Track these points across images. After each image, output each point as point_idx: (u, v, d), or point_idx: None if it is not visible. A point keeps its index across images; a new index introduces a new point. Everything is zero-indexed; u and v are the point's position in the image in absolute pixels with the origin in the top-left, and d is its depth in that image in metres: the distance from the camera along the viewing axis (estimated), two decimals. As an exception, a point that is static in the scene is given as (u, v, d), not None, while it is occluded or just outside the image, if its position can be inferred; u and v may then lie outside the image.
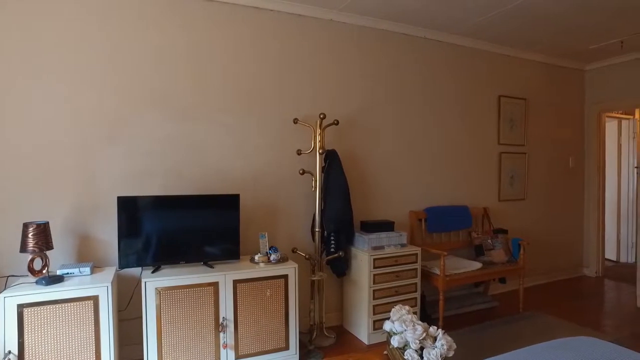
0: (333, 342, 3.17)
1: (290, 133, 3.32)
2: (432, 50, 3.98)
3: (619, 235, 5.91)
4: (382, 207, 3.72)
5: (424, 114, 3.95)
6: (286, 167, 3.31)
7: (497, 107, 4.41)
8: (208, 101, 3.04)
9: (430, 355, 1.73)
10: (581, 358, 1.66)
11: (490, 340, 3.17)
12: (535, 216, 4.76)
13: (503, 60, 4.45)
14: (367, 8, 3.39)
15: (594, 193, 5.14)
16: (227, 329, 2.61)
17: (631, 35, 4.03)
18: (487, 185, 4.38)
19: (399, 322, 1.86)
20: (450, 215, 3.91)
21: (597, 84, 5.08)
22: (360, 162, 3.62)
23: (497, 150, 4.43)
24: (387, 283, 3.16)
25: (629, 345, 3.15)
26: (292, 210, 3.35)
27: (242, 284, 2.66)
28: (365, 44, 3.64)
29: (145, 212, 2.62)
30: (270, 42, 3.24)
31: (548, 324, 3.53)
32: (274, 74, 3.26)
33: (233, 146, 3.13)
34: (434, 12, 3.48)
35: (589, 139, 5.18)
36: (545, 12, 3.49)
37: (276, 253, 2.90)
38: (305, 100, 3.38)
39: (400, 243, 3.28)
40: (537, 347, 1.79)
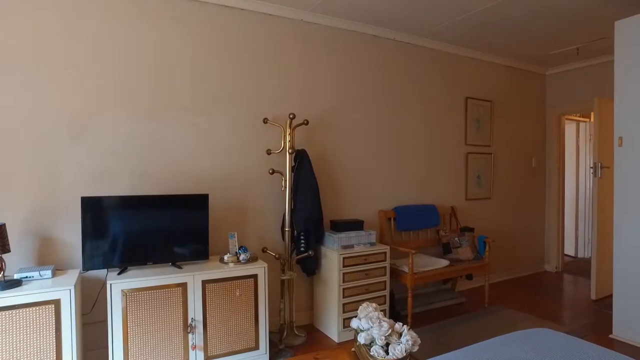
0: (303, 341, 3.19)
1: (260, 133, 3.31)
2: (402, 52, 4.06)
3: (577, 232, 6.20)
4: (352, 207, 3.76)
5: (393, 115, 4.02)
6: (256, 167, 3.30)
7: (464, 109, 4.54)
8: (176, 100, 2.99)
9: (395, 351, 1.77)
10: (536, 348, 1.74)
11: (457, 334, 3.27)
12: (500, 214, 4.93)
13: (470, 63, 4.58)
14: (338, 9, 3.42)
15: (554, 192, 5.37)
16: (196, 330, 2.58)
17: (585, 43, 4.24)
18: (455, 185, 4.50)
19: (366, 319, 1.89)
20: (418, 214, 4.00)
21: (556, 88, 5.31)
22: (330, 162, 3.65)
23: (464, 150, 4.56)
24: (357, 281, 3.20)
25: (583, 334, 3.33)
26: (262, 209, 3.34)
27: (211, 284, 2.64)
28: (336, 45, 3.67)
29: (111, 213, 2.55)
30: (240, 41, 3.22)
31: (512, 317, 3.67)
32: (244, 73, 3.24)
33: (202, 146, 3.10)
34: (403, 15, 3.55)
35: (549, 140, 5.40)
36: (507, 18, 3.62)
37: (246, 253, 2.89)
38: (275, 100, 3.38)
39: (369, 242, 3.33)
40: (496, 340, 1.86)
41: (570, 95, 5.14)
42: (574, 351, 1.73)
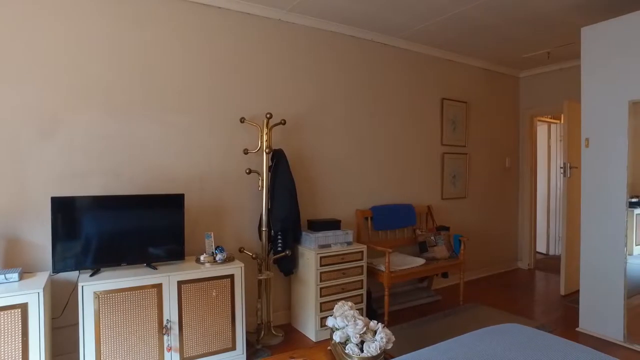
0: (281, 341, 3.19)
1: (237, 132, 3.29)
2: (379, 53, 4.10)
3: (548, 230, 6.39)
4: (329, 206, 3.78)
5: (370, 115, 4.06)
6: (233, 167, 3.28)
7: (440, 110, 4.62)
8: (152, 99, 2.95)
9: (370, 348, 1.80)
10: (505, 343, 1.79)
11: (433, 331, 3.33)
12: (475, 213, 5.04)
13: (446, 65, 4.67)
14: (315, 9, 3.43)
15: (527, 191, 5.52)
16: (172, 332, 2.55)
17: (555, 47, 4.38)
18: (431, 184, 4.57)
19: (341, 318, 1.91)
20: (395, 214, 4.05)
21: (529, 90, 5.46)
22: (307, 162, 3.66)
23: (440, 150, 4.64)
24: (334, 280, 3.22)
25: (552, 328, 3.44)
26: (239, 209, 3.33)
27: (187, 284, 2.62)
28: (314, 45, 3.69)
29: (83, 213, 2.50)
30: (217, 40, 3.20)
31: (486, 314, 3.76)
32: (221, 72, 3.22)
33: (178, 145, 3.06)
34: (380, 17, 3.59)
35: (522, 141, 5.55)
36: (481, 22, 3.71)
37: (222, 253, 2.88)
38: (252, 99, 3.37)
39: (346, 241, 3.35)
40: (467, 336, 1.91)
41: (542, 98, 5.29)
42: (540, 344, 1.79)
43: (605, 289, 3.25)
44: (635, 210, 4.59)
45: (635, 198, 4.58)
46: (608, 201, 3.25)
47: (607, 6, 3.35)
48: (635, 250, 4.61)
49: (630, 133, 3.18)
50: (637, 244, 4.64)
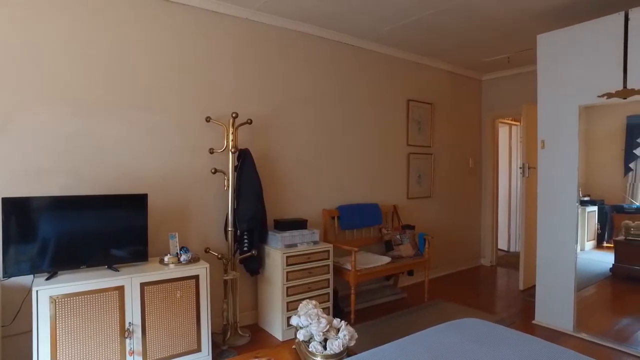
0: (248, 341, 3.18)
1: (203, 131, 3.26)
2: (347, 54, 4.15)
3: (509, 228, 6.64)
4: (296, 206, 3.80)
5: (337, 115, 4.10)
6: (198, 166, 3.25)
7: (406, 111, 4.71)
8: (116, 97, 2.87)
9: (333, 346, 1.83)
10: (464, 336, 1.87)
11: (398, 328, 3.40)
12: (439, 212, 5.17)
13: (412, 67, 4.77)
14: (283, 9, 3.44)
15: (489, 191, 5.72)
16: (134, 335, 2.50)
17: (514, 52, 4.57)
18: (397, 184, 4.66)
19: (305, 316, 1.94)
20: (362, 213, 4.11)
21: (491, 93, 5.66)
22: (274, 161, 3.66)
23: (406, 151, 4.74)
24: (300, 280, 3.24)
25: (511, 321, 3.59)
26: (205, 209, 3.29)
27: (150, 286, 2.57)
28: (282, 45, 3.69)
29: (39, 214, 2.41)
30: (185, 37, 3.15)
31: (449, 310, 3.87)
32: (188, 70, 3.18)
33: (143, 144, 3.00)
34: (347, 19, 3.64)
35: (485, 142, 5.74)
36: (444, 27, 3.82)
37: (187, 253, 2.84)
38: (219, 98, 3.34)
39: (313, 240, 3.38)
40: (428, 331, 1.98)
41: (503, 101, 5.49)
42: (495, 337, 1.87)
43: (558, 283, 3.42)
44: (586, 208, 4.85)
45: (587, 197, 4.84)
46: (561, 200, 3.42)
47: (561, 15, 3.52)
48: (586, 245, 4.87)
49: (581, 136, 3.36)
50: (588, 240, 4.90)
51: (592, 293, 4.27)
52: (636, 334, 3.33)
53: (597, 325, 3.44)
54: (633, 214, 4.60)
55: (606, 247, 4.81)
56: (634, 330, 3.40)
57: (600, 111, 4.53)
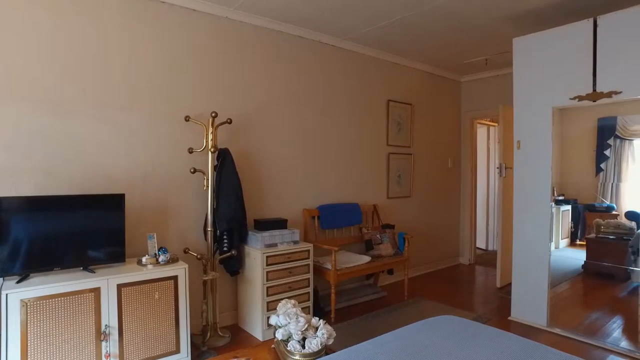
0: (228, 342, 3.16)
1: (182, 131, 3.22)
2: (327, 54, 4.16)
3: (487, 227, 6.77)
4: (276, 206, 3.79)
5: (318, 115, 4.11)
6: (177, 166, 3.21)
7: (386, 111, 4.76)
8: (92, 94, 2.82)
9: (311, 345, 1.84)
10: (440, 333, 1.90)
11: (378, 326, 3.42)
12: (419, 212, 5.24)
13: (392, 67, 4.81)
14: (262, 8, 3.43)
15: (467, 190, 5.83)
16: (110, 337, 2.46)
17: (492, 55, 4.67)
18: (377, 184, 4.70)
19: (284, 315, 1.94)
20: (342, 213, 4.13)
21: (469, 94, 5.76)
22: (254, 161, 3.65)
23: (386, 151, 4.78)
24: (281, 279, 3.24)
25: (488, 318, 3.66)
26: (184, 209, 3.26)
27: (128, 287, 2.53)
28: (261, 44, 3.68)
29: (9, 215, 2.34)
30: (162, 35, 3.11)
31: (428, 307, 3.93)
32: (165, 68, 3.14)
33: (119, 143, 2.95)
34: (327, 18, 3.65)
35: (464, 142, 5.85)
36: (424, 28, 3.87)
37: (165, 254, 2.81)
38: (198, 97, 3.31)
39: (293, 240, 3.38)
40: (405, 328, 2.00)
41: (481, 102, 5.60)
42: (472, 333, 1.92)
43: (533, 280, 3.51)
44: (561, 207, 4.99)
45: (561, 196, 4.98)
46: (536, 199, 3.51)
47: (536, 19, 3.61)
48: (561, 243, 5.01)
49: (556, 136, 3.46)
50: (562, 238, 5.05)
51: (565, 289, 4.39)
52: (604, 327, 3.45)
53: (569, 320, 3.55)
54: (603, 213, 4.76)
55: (579, 244, 4.96)
56: (603, 324, 3.52)
57: (574, 113, 4.67)
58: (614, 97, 3.02)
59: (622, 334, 3.31)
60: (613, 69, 3.03)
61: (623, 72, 2.99)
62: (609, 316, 3.68)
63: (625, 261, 4.25)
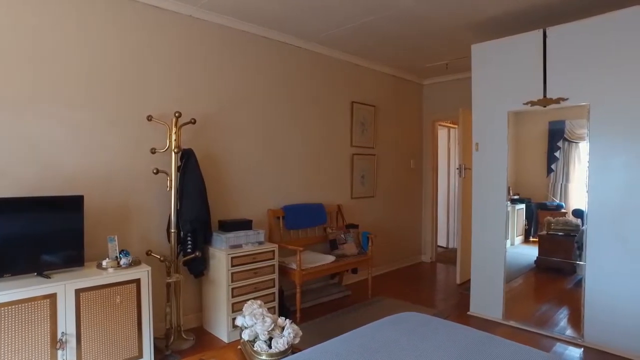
0: (192, 344, 3.12)
1: (144, 130, 3.15)
2: (292, 55, 4.18)
3: (448, 226, 7.01)
4: (241, 206, 3.78)
5: (283, 116, 4.12)
6: (139, 166, 3.14)
7: (350, 112, 4.83)
8: (46, 92, 2.70)
9: (278, 344, 1.86)
10: (402, 330, 1.97)
11: (343, 325, 3.47)
12: (382, 211, 5.36)
13: (356, 70, 4.90)
14: (227, 8, 3.41)
15: (429, 190, 6.01)
16: (67, 345, 2.37)
17: (452, 59, 4.84)
18: (341, 184, 4.77)
19: (250, 316, 1.95)
20: (307, 213, 4.17)
21: (431, 97, 5.95)
22: (219, 162, 3.62)
23: (350, 151, 4.86)
24: (246, 280, 3.23)
25: (448, 313, 3.80)
26: (147, 211, 3.19)
27: (87, 292, 2.45)
28: (227, 44, 3.65)
29: (-44, 219, 2.22)
30: (123, 32, 3.03)
31: (391, 305, 4.03)
32: (126, 67, 3.06)
33: (77, 143, 2.84)
34: (292, 20, 3.67)
35: (425, 144, 6.03)
36: (387, 32, 3.96)
37: (127, 257, 2.74)
38: (161, 97, 3.25)
39: (257, 241, 3.38)
40: (369, 326, 2.06)
41: (442, 104, 5.79)
42: (430, 328, 2.00)
43: (490, 276, 3.68)
44: (516, 206, 5.25)
45: (517, 195, 5.25)
46: (492, 199, 3.68)
47: (493, 27, 3.79)
48: (516, 240, 5.28)
49: (511, 139, 3.64)
50: (517, 235, 5.31)
51: (519, 284, 4.63)
52: (553, 318, 3.68)
53: (522, 312, 3.75)
54: (554, 211, 5.06)
55: (532, 241, 5.25)
56: (552, 315, 3.75)
57: (527, 117, 4.93)
58: (562, 103, 3.23)
59: (568, 323, 3.54)
60: (561, 77, 3.24)
61: (569, 80, 3.19)
62: (557, 307, 3.92)
63: (572, 256, 4.54)
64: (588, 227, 3.15)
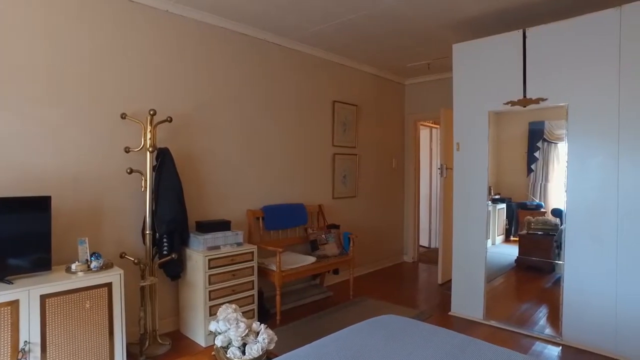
0: (168, 349, 3.03)
1: (118, 129, 3.05)
2: (273, 53, 4.11)
3: (430, 225, 7.03)
4: (220, 207, 3.69)
5: (263, 115, 4.05)
6: (113, 166, 3.03)
7: (331, 112, 4.79)
8: (11, 88, 2.58)
9: (252, 350, 1.80)
10: (380, 333, 1.93)
11: (324, 327, 3.43)
12: (364, 211, 5.32)
13: (338, 69, 4.85)
14: (204, 4, 3.32)
15: (411, 190, 6.01)
16: (31, 355, 2.25)
17: (434, 59, 4.84)
18: (323, 184, 4.72)
19: (224, 321, 1.88)
20: (287, 213, 4.10)
21: (413, 96, 5.95)
22: (196, 161, 3.53)
23: (331, 151, 4.81)
24: (224, 283, 3.15)
25: (429, 314, 3.79)
26: (121, 212, 3.08)
27: (53, 298, 2.34)
28: (205, 41, 3.56)
29: None
30: (96, 27, 2.91)
31: (373, 306, 3.99)
32: (100, 62, 2.94)
33: (46, 142, 2.72)
34: (272, 17, 3.60)
35: (407, 144, 6.02)
36: (370, 31, 3.93)
37: (99, 260, 2.64)
38: (136, 94, 3.14)
39: (236, 242, 3.30)
40: (346, 330, 2.02)
41: (424, 104, 5.80)
42: (408, 332, 1.96)
43: (471, 276, 3.68)
44: (497, 206, 5.29)
45: (498, 195, 5.28)
46: (473, 199, 3.67)
47: (474, 27, 3.78)
48: (497, 239, 5.32)
49: (493, 139, 3.64)
50: (498, 235, 5.35)
51: (500, 283, 4.67)
52: (533, 316, 3.70)
53: (503, 312, 3.76)
54: (534, 210, 5.12)
55: (513, 240, 5.30)
56: (531, 314, 3.77)
57: (509, 117, 4.97)
58: (541, 104, 3.24)
59: (547, 321, 3.56)
60: (540, 77, 3.25)
61: (548, 81, 3.21)
62: (536, 306, 3.95)
63: (551, 255, 4.59)
64: (566, 227, 3.16)
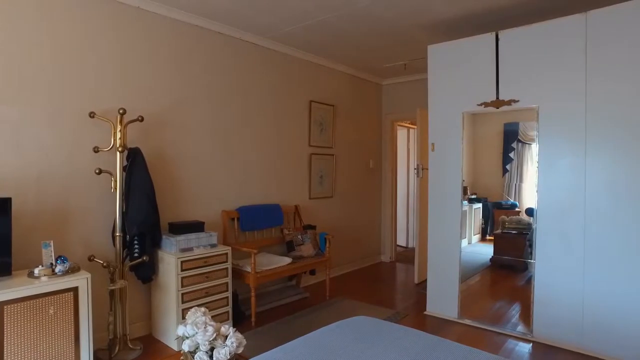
0: (139, 354, 2.95)
1: (86, 128, 2.95)
2: (248, 52, 4.06)
3: (408, 225, 7.08)
4: (193, 208, 3.62)
5: (238, 114, 4.00)
6: (80, 166, 2.93)
7: (308, 111, 4.76)
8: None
9: (219, 355, 1.76)
10: (351, 335, 1.92)
11: (300, 328, 3.40)
12: (341, 212, 5.32)
13: (314, 68, 4.83)
14: (177, 0, 3.25)
15: (388, 190, 6.04)
16: (-11, 363, 2.16)
17: (410, 60, 4.87)
18: (299, 184, 4.69)
19: (191, 325, 1.84)
20: (262, 214, 4.06)
21: (390, 97, 5.98)
22: (169, 161, 3.45)
23: (307, 151, 4.79)
24: (197, 285, 3.09)
25: (405, 313, 3.81)
26: (89, 214, 2.99)
27: (12, 305, 2.23)
28: (177, 38, 3.49)
29: None
30: (60, 20, 2.81)
31: (349, 306, 3.99)
32: (66, 59, 2.84)
33: (5, 140, 2.61)
34: (247, 15, 3.56)
35: (384, 144, 6.05)
36: (345, 31, 3.92)
37: (64, 263, 2.55)
38: (105, 92, 3.05)
39: (210, 243, 3.25)
40: (318, 332, 2.00)
41: (401, 105, 5.83)
42: (379, 333, 1.96)
43: (446, 275, 3.71)
44: (473, 205, 5.36)
45: (474, 195, 5.35)
46: (448, 199, 3.71)
47: (449, 29, 3.82)
48: (473, 239, 5.39)
49: (469, 140, 3.68)
50: (474, 234, 5.42)
51: (475, 282, 4.73)
52: (505, 315, 3.76)
53: (477, 311, 3.81)
54: (508, 210, 5.21)
55: (489, 239, 5.38)
56: (504, 312, 3.83)
57: (484, 118, 5.03)
58: (513, 105, 3.29)
59: (519, 319, 3.62)
60: (512, 79, 3.30)
61: (520, 83, 3.26)
62: (509, 304, 4.02)
63: (524, 254, 4.68)
64: (537, 226, 3.22)
